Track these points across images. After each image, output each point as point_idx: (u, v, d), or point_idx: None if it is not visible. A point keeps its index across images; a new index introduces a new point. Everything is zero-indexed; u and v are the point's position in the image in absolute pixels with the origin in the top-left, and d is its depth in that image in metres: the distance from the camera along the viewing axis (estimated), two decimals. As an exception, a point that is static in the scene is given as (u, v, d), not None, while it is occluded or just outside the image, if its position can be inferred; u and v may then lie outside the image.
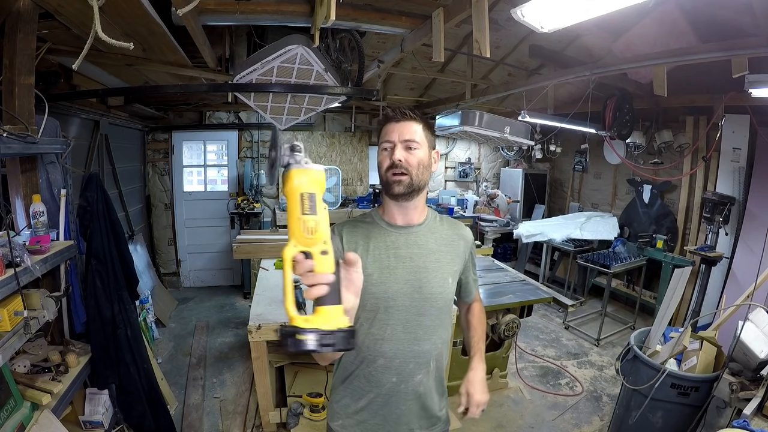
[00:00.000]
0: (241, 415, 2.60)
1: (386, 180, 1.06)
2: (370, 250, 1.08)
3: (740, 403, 1.74)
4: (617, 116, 3.73)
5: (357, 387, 1.12)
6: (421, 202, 1.12)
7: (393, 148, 1.05)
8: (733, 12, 2.32)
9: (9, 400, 1.42)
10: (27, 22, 1.63)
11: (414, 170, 1.04)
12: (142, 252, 4.14)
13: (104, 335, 1.93)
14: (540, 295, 2.86)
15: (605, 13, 1.49)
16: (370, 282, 1.05)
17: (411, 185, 1.05)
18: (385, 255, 1.08)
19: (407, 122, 1.06)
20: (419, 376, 1.10)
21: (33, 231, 1.69)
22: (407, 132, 1.05)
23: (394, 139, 1.05)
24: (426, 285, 1.08)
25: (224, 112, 4.90)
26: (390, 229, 1.11)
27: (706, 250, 3.46)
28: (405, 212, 1.11)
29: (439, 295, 1.10)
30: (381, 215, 1.14)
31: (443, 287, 1.11)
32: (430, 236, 1.13)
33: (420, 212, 1.13)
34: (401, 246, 1.09)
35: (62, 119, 2.46)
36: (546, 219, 5.24)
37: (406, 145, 1.05)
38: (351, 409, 1.14)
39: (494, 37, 3.20)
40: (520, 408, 2.84)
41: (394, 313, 1.07)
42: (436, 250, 1.12)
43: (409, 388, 1.10)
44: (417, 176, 1.05)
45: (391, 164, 1.04)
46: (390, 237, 1.10)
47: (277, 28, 2.81)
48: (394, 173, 1.04)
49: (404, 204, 1.09)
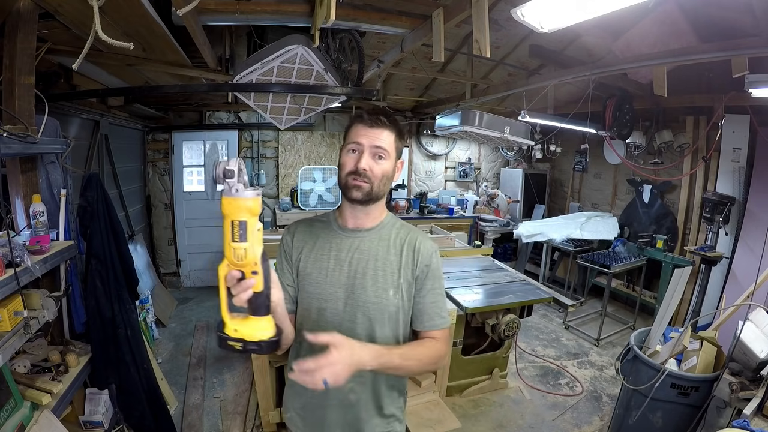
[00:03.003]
0: (241, 415, 2.60)
1: (345, 183, 1.03)
2: (315, 250, 1.08)
3: (740, 403, 1.73)
4: (617, 116, 3.73)
5: (296, 385, 1.07)
6: (375, 209, 1.09)
7: (360, 153, 1.01)
8: (733, 12, 2.33)
9: (9, 400, 1.41)
10: (27, 22, 1.63)
11: (377, 181, 1.02)
12: (142, 252, 4.14)
13: (104, 335, 1.93)
14: (540, 295, 2.86)
15: (605, 13, 1.49)
16: (308, 281, 1.07)
17: (369, 194, 1.02)
18: (326, 256, 1.07)
19: (380, 129, 1.02)
20: (350, 384, 1.00)
21: (33, 231, 1.69)
22: (378, 139, 1.01)
23: (363, 143, 1.01)
24: (360, 292, 1.03)
25: (224, 112, 4.90)
26: (338, 231, 1.10)
27: (706, 250, 3.46)
28: (356, 216, 1.08)
29: (372, 305, 1.03)
30: (336, 216, 1.13)
31: (379, 297, 1.03)
32: (378, 242, 1.07)
33: (373, 217, 1.09)
34: (343, 249, 1.06)
35: (62, 119, 2.45)
36: (546, 219, 5.24)
37: (375, 152, 1.01)
38: (293, 405, 1.14)
39: (494, 37, 3.20)
40: (520, 408, 2.83)
41: (327, 316, 1.04)
42: (382, 257, 1.05)
43: (339, 396, 1.05)
44: (378, 186, 1.02)
45: (355, 170, 1.01)
46: (336, 239, 1.08)
47: (277, 28, 2.81)
48: (355, 179, 1.01)
49: (357, 207, 1.06)
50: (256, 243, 0.73)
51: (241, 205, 0.70)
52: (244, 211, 0.71)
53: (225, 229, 0.71)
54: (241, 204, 0.70)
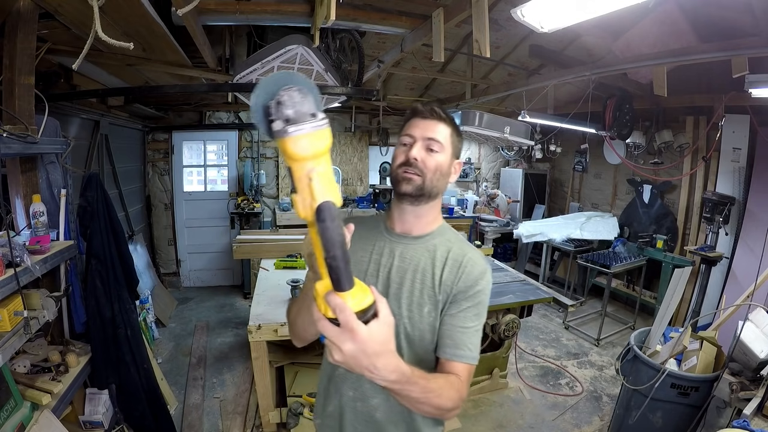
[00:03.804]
0: (241, 415, 2.60)
1: (396, 176, 0.95)
2: (356, 249, 1.00)
3: (740, 403, 1.74)
4: (617, 116, 3.73)
5: (328, 389, 1.04)
6: (428, 212, 0.99)
7: (412, 144, 0.94)
8: (733, 12, 2.33)
9: (9, 400, 1.41)
10: (27, 22, 1.63)
11: (429, 173, 0.93)
12: (142, 252, 4.14)
13: (104, 335, 1.93)
14: (540, 295, 2.87)
15: (605, 13, 1.49)
16: None
17: (421, 188, 0.93)
18: (367, 258, 0.99)
19: (435, 121, 0.95)
20: (376, 400, 0.95)
21: (33, 231, 1.69)
22: (432, 131, 0.94)
23: (416, 135, 0.94)
24: (392, 303, 0.92)
25: (224, 112, 4.90)
26: (384, 233, 1.02)
27: (706, 250, 3.46)
28: (405, 219, 0.99)
29: (405, 319, 0.93)
30: (385, 218, 1.05)
31: (412, 312, 0.93)
32: (423, 253, 0.97)
33: (423, 224, 0.99)
34: (385, 253, 0.98)
35: (62, 119, 2.45)
36: (546, 219, 5.24)
37: (428, 144, 0.94)
38: (323, 411, 1.06)
39: (494, 37, 3.20)
40: (520, 408, 2.83)
41: None
42: (422, 269, 0.95)
43: (364, 409, 0.98)
44: (431, 181, 0.93)
45: (406, 161, 0.93)
46: (380, 241, 1.01)
47: (277, 28, 2.81)
48: (406, 171, 0.93)
49: (408, 208, 0.97)
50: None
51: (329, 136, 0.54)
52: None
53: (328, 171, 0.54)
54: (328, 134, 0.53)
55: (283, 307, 2.37)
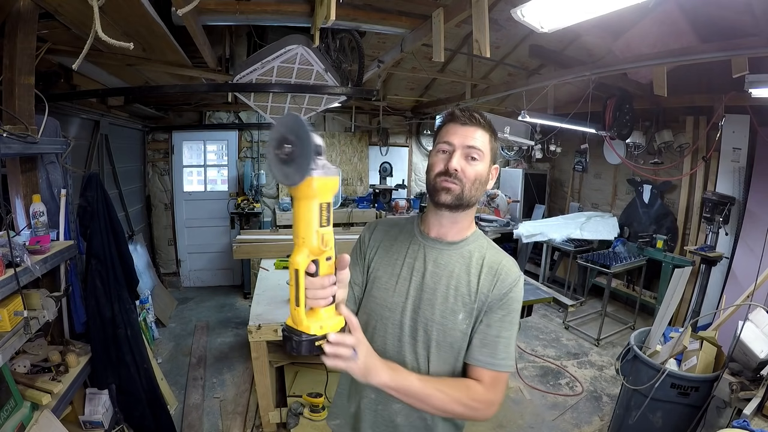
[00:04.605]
0: (241, 415, 2.60)
1: (434, 185, 0.93)
2: (389, 253, 1.01)
3: (740, 403, 1.73)
4: (617, 116, 3.73)
5: (350, 388, 1.05)
6: (464, 218, 0.98)
7: (452, 152, 0.92)
8: (733, 12, 2.33)
9: (9, 400, 1.41)
10: (27, 22, 1.63)
11: (468, 183, 0.91)
12: (142, 252, 4.14)
13: (104, 335, 1.93)
14: (540, 295, 2.86)
15: (605, 13, 1.49)
16: (376, 285, 1.00)
17: (460, 198, 0.91)
18: (400, 262, 0.99)
19: (474, 128, 0.92)
20: (398, 405, 0.95)
21: (33, 231, 1.69)
22: (471, 138, 0.91)
23: (455, 143, 0.92)
24: (426, 308, 0.94)
25: (224, 112, 4.90)
26: (419, 237, 1.01)
27: (706, 250, 3.46)
28: (441, 224, 0.98)
29: (437, 325, 0.93)
30: (419, 222, 1.04)
31: (445, 318, 0.93)
32: (458, 259, 0.96)
33: (458, 230, 0.98)
34: (419, 258, 0.98)
35: (62, 119, 2.45)
36: (546, 219, 5.24)
37: (468, 153, 0.91)
38: (346, 412, 1.06)
39: (494, 37, 3.20)
40: (520, 408, 2.83)
41: (389, 326, 0.96)
42: (457, 276, 0.94)
43: (385, 413, 0.98)
44: (469, 190, 0.92)
45: (445, 170, 0.91)
46: (414, 245, 1.00)
47: (277, 28, 2.81)
48: (445, 180, 0.91)
49: (445, 214, 0.96)
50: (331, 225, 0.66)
51: (331, 184, 0.61)
52: (331, 192, 0.62)
53: (307, 213, 0.61)
54: (332, 183, 0.61)
55: (283, 308, 2.37)
